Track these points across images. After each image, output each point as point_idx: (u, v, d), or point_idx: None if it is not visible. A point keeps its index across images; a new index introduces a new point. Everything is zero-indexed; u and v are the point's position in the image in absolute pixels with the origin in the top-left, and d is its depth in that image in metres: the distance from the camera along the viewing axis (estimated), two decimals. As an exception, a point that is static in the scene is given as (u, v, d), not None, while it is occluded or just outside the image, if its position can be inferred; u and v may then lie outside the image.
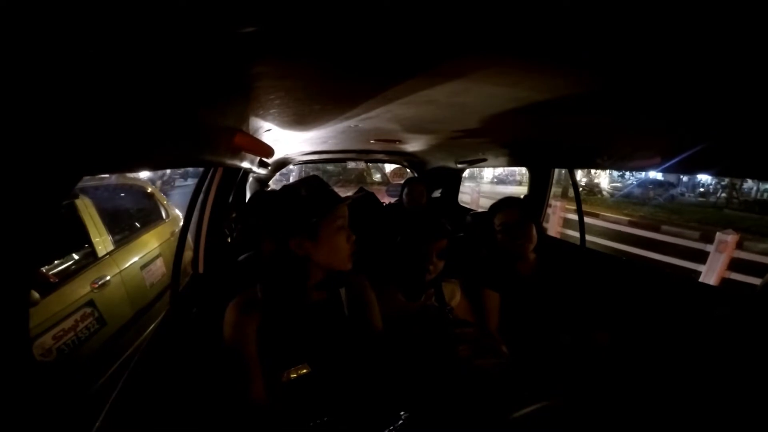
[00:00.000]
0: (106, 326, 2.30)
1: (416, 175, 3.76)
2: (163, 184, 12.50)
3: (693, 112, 0.93)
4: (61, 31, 0.38)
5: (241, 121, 1.06)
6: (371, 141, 2.49)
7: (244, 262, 1.45)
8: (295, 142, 2.10)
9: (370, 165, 17.80)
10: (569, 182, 2.29)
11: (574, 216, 6.56)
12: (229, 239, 1.93)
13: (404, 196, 2.78)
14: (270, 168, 2.78)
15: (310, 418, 0.87)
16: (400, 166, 4.28)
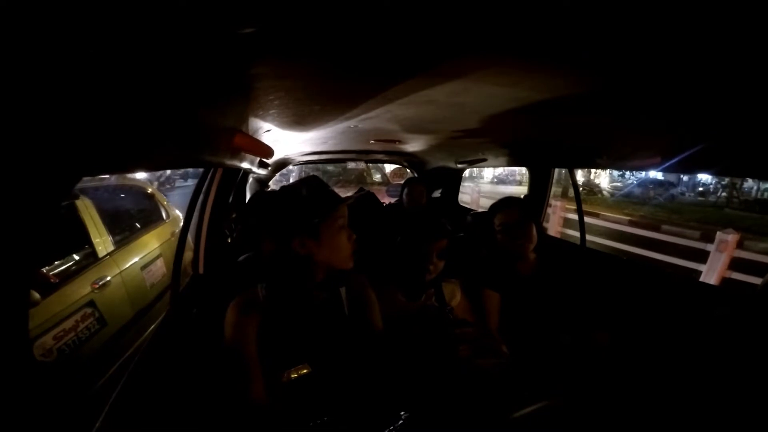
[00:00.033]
0: (106, 326, 2.30)
1: (416, 175, 3.75)
2: (160, 185, 12.30)
3: (693, 112, 0.93)
4: (61, 31, 0.38)
5: (241, 121, 1.06)
6: (371, 141, 2.48)
7: (244, 263, 1.45)
8: (295, 142, 2.10)
9: (370, 165, 17.81)
10: (569, 182, 2.29)
11: (574, 216, 6.55)
12: (229, 240, 1.93)
13: (404, 196, 2.78)
14: (270, 168, 2.78)
15: (310, 418, 0.87)
16: (400, 166, 4.27)
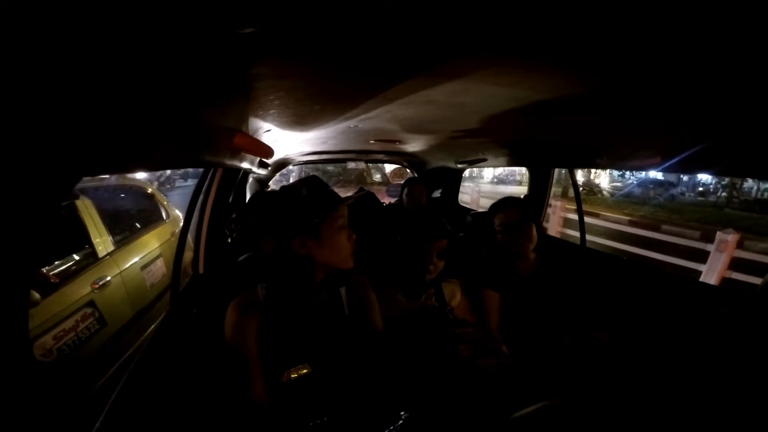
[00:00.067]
0: (106, 327, 2.30)
1: (416, 175, 3.75)
2: (160, 185, 12.22)
3: (693, 112, 0.93)
4: (61, 31, 0.38)
5: (241, 121, 1.06)
6: (371, 141, 2.48)
7: (244, 263, 1.45)
8: (295, 142, 2.10)
9: (370, 165, 17.80)
10: (569, 182, 2.29)
11: (574, 215, 6.55)
12: (229, 240, 1.93)
13: (404, 196, 2.78)
14: (270, 168, 2.78)
15: (310, 419, 0.87)
16: (400, 166, 4.27)
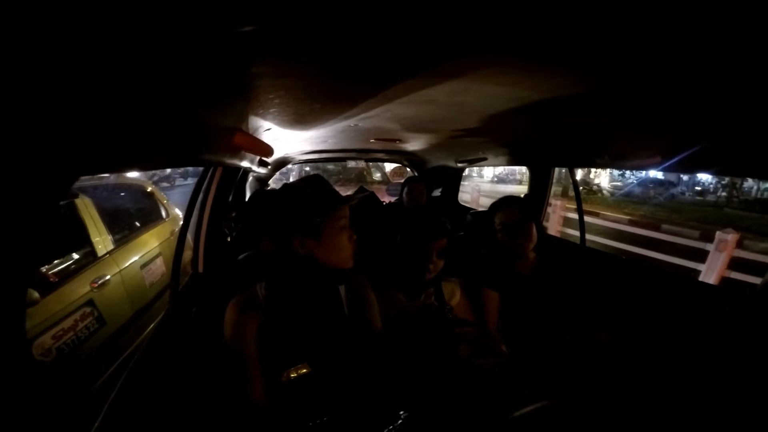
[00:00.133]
0: (105, 326, 2.30)
1: (416, 174, 3.75)
2: (155, 183, 12.22)
3: (693, 112, 0.93)
4: (61, 30, 0.38)
5: (241, 120, 1.05)
6: (371, 140, 2.48)
7: (243, 262, 1.45)
8: (295, 141, 2.09)
9: (370, 164, 17.78)
10: (569, 181, 2.29)
11: (574, 215, 6.56)
12: (228, 238, 1.93)
13: (404, 195, 2.78)
14: (270, 167, 2.78)
15: (309, 418, 0.87)
16: (400, 165, 4.27)
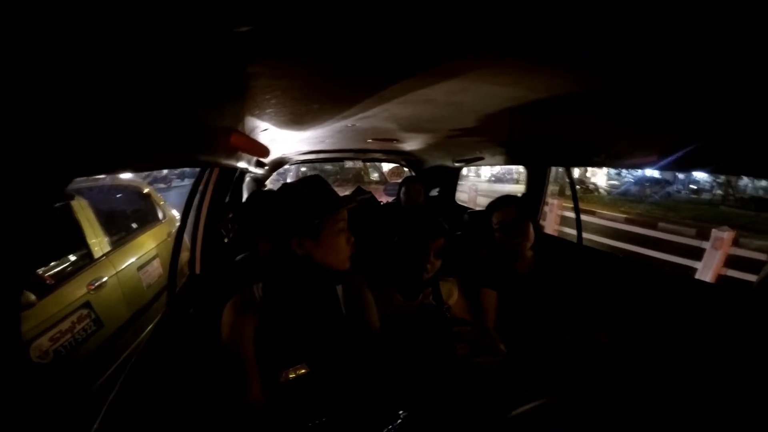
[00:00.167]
0: (103, 328, 2.28)
1: (414, 173, 3.75)
2: (151, 186, 12.07)
3: (689, 111, 0.93)
4: (57, 30, 0.38)
5: (237, 120, 1.05)
6: (368, 140, 2.48)
7: (241, 263, 1.45)
8: (292, 141, 2.09)
9: (367, 164, 17.77)
10: (566, 180, 2.30)
11: (571, 213, 6.57)
12: (225, 240, 1.93)
13: (402, 195, 2.77)
14: (267, 168, 2.77)
15: (308, 419, 0.87)
16: (397, 165, 4.27)
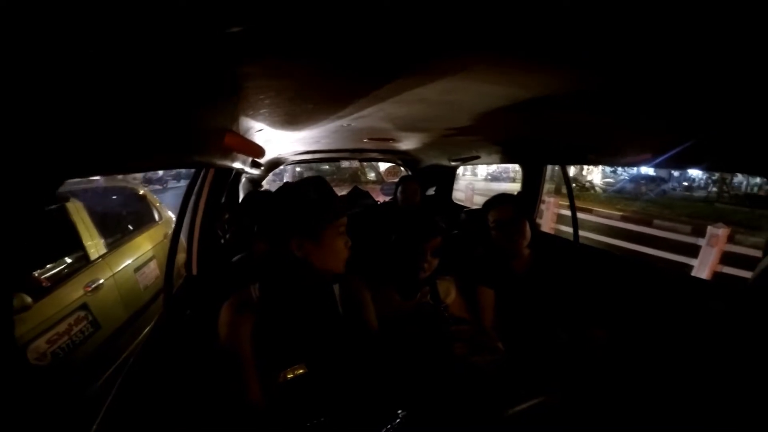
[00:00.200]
0: (100, 329, 2.28)
1: (410, 173, 3.75)
2: (146, 187, 12.03)
3: (684, 109, 0.94)
4: (49, 31, 0.37)
5: (231, 121, 1.05)
6: (365, 140, 2.48)
7: (237, 263, 1.44)
8: (288, 141, 2.08)
9: (364, 164, 17.77)
10: (562, 178, 2.30)
11: (567, 212, 6.60)
12: (222, 240, 1.92)
13: (398, 194, 2.77)
14: (263, 168, 2.76)
15: (307, 419, 0.87)
16: (394, 164, 4.27)
